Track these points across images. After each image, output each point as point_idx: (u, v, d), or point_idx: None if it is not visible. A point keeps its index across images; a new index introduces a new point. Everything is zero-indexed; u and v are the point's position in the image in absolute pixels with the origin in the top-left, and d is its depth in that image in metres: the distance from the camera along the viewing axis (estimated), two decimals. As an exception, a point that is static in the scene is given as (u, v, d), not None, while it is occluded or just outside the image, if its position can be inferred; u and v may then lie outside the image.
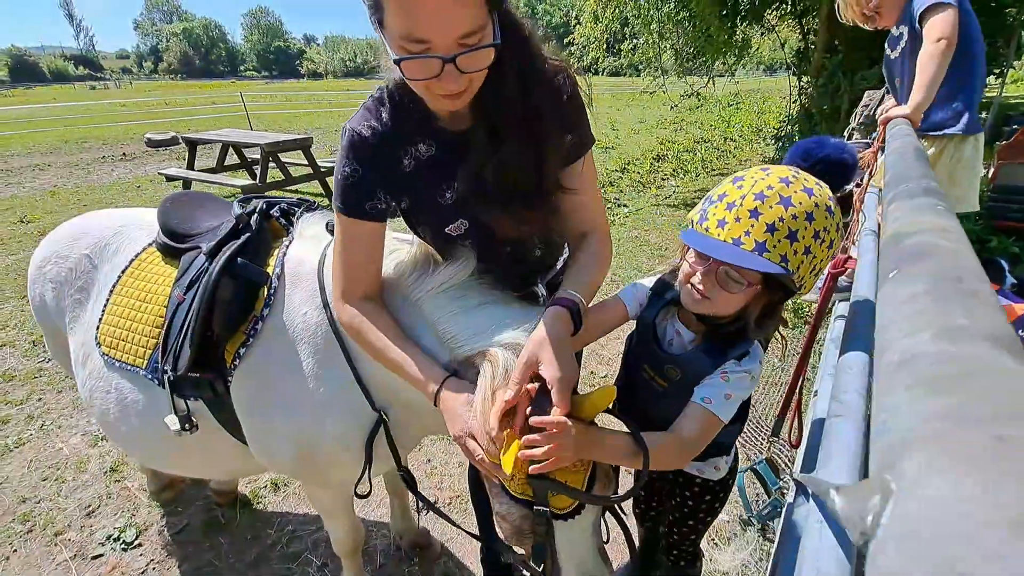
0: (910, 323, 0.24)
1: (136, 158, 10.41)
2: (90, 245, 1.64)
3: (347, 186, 1.03)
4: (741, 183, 0.92)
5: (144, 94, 32.77)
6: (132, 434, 1.52)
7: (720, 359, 1.03)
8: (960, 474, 0.15)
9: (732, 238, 0.89)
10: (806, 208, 0.86)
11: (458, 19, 0.80)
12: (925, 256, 0.32)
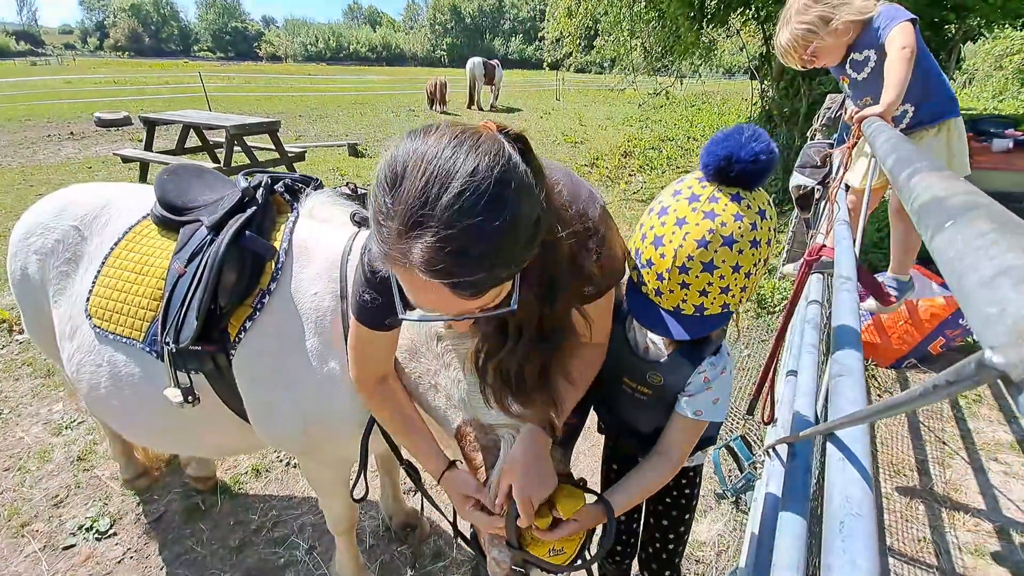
0: (992, 248, 0.30)
1: (85, 137, 9.82)
2: (78, 217, 1.59)
3: (367, 309, 0.98)
4: (661, 248, 0.92)
5: (89, 71, 30.81)
6: (125, 408, 1.49)
7: (697, 358, 1.08)
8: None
9: (672, 306, 0.95)
10: (731, 263, 0.89)
11: (466, 306, 0.75)
12: (974, 208, 0.38)
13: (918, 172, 0.56)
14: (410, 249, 0.66)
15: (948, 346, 3.07)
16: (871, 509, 0.53)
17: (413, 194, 0.65)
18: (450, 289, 0.68)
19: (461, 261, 0.66)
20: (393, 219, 0.66)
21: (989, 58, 20.02)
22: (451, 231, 0.64)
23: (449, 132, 0.69)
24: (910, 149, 0.78)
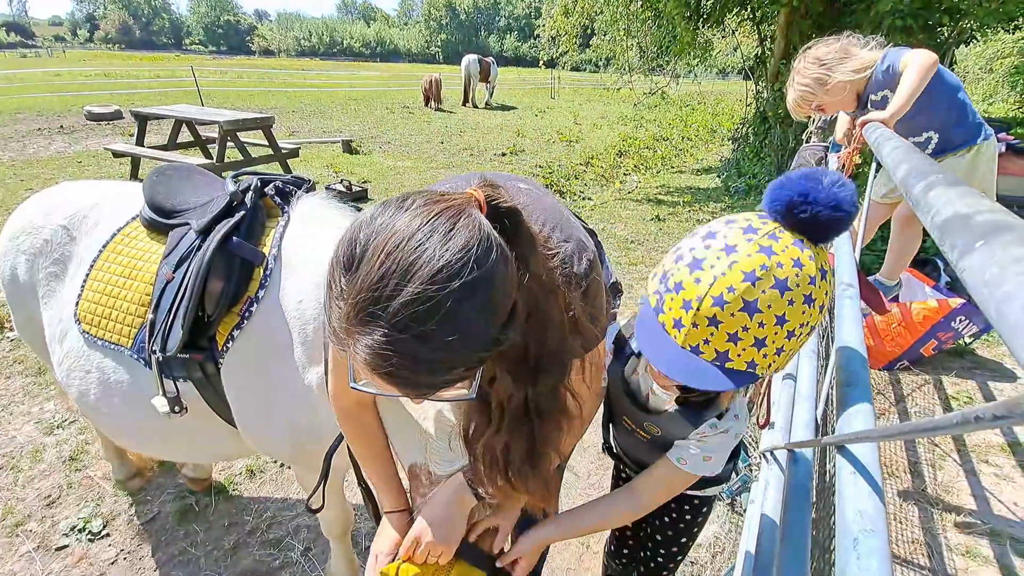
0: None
1: (75, 131, 9.70)
2: (67, 216, 1.55)
3: None
4: (700, 273, 0.75)
5: (80, 64, 30.41)
6: (114, 415, 1.47)
7: (698, 419, 0.99)
8: None
9: (690, 345, 0.77)
10: (776, 311, 0.72)
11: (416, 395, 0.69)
12: (1005, 229, 0.38)
13: (935, 186, 0.56)
14: (356, 343, 0.60)
15: (940, 348, 3.10)
16: (884, 525, 0.53)
17: (367, 285, 0.59)
18: (395, 388, 0.64)
19: (408, 365, 0.60)
20: (343, 303, 0.61)
21: (980, 61, 20.19)
22: (401, 335, 0.58)
23: (423, 213, 0.61)
24: (921, 159, 0.78)
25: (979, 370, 3.11)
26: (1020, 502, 2.19)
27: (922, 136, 2.11)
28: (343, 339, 0.62)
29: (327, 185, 6.41)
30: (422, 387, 0.65)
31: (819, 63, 2.13)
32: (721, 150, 10.35)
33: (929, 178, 0.59)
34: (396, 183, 7.08)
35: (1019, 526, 2.08)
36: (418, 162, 8.45)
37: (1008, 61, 17.55)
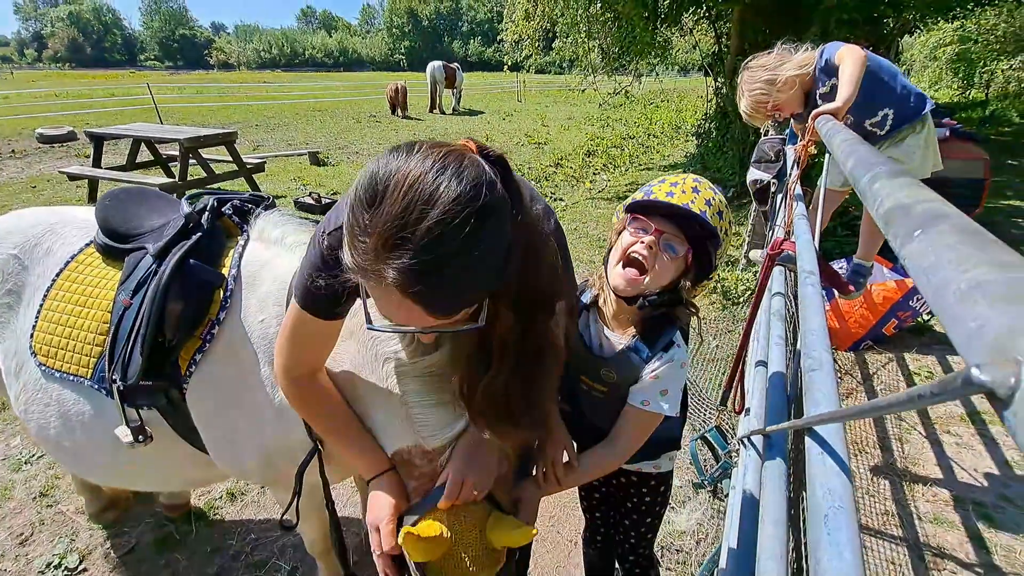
0: (964, 262, 0.32)
1: (27, 155, 9.33)
2: (18, 244, 1.50)
3: (319, 297, 0.90)
4: (674, 177, 1.14)
5: (28, 85, 29.26)
6: (77, 449, 1.42)
7: (648, 353, 1.13)
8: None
9: (682, 203, 1.08)
10: (721, 199, 1.13)
11: (433, 322, 0.74)
12: (940, 218, 0.41)
13: (879, 177, 0.60)
14: (386, 269, 0.65)
15: (900, 327, 3.23)
16: (851, 501, 0.56)
17: (393, 215, 0.65)
18: (423, 309, 0.69)
19: (436, 284, 0.67)
20: (370, 236, 0.66)
21: (925, 49, 21.09)
22: (428, 256, 0.64)
23: (433, 154, 0.68)
24: (867, 150, 0.82)
25: (938, 345, 3.26)
26: (979, 468, 2.30)
27: (878, 115, 2.23)
28: (371, 271, 0.67)
29: (295, 199, 6.32)
30: (446, 307, 0.71)
31: (763, 68, 2.27)
32: (686, 146, 10.57)
33: (874, 170, 0.63)
34: (366, 193, 7.01)
35: (980, 491, 2.19)
36: (387, 171, 8.38)
37: (950, 48, 18.38)
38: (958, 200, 4.07)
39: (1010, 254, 0.31)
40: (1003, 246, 0.33)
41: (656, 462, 1.35)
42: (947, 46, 18.49)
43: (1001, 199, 6.41)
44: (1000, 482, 2.23)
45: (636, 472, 1.37)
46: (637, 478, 1.38)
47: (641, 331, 1.17)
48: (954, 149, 4.39)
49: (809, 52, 2.25)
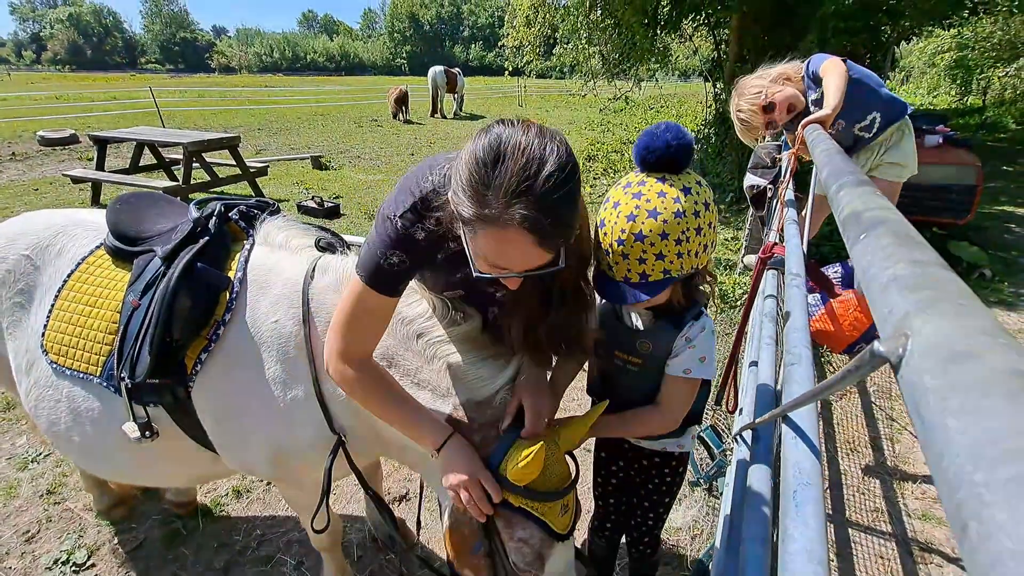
0: (889, 260, 0.38)
1: (29, 158, 9.38)
2: (30, 246, 1.55)
3: (391, 273, 1.04)
4: (604, 228, 1.09)
5: (26, 87, 29.35)
6: (86, 444, 1.47)
7: (678, 322, 1.20)
8: (942, 322, 0.28)
9: (622, 276, 1.09)
10: (657, 231, 1.02)
11: (536, 259, 0.92)
12: (881, 223, 0.47)
13: (845, 186, 0.66)
14: (514, 211, 0.83)
15: (895, 331, 3.29)
16: (819, 478, 0.62)
17: (515, 170, 0.83)
18: (537, 243, 0.87)
19: (552, 221, 0.85)
20: (497, 188, 0.84)
21: (923, 56, 21.22)
22: (546, 199, 0.84)
23: (533, 126, 0.88)
24: (842, 161, 0.88)
25: (931, 349, 3.31)
26: (970, 468, 2.35)
27: (867, 118, 2.35)
28: (497, 217, 0.84)
29: (298, 202, 6.38)
30: (553, 240, 0.89)
31: (753, 76, 2.41)
32: (685, 151, 10.63)
33: (842, 179, 0.69)
34: (368, 197, 7.08)
35: (970, 490, 2.24)
36: (389, 175, 8.46)
37: (947, 56, 18.50)
38: (951, 205, 4.12)
39: (926, 253, 0.38)
40: (924, 247, 0.39)
41: (680, 440, 1.39)
42: (945, 53, 18.58)
43: (995, 205, 6.48)
44: (987, 481, 2.29)
45: (660, 452, 1.42)
46: (660, 459, 1.43)
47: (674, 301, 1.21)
48: (947, 155, 4.46)
49: (796, 62, 2.39)
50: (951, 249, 4.38)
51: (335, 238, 1.52)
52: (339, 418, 1.30)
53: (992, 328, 0.26)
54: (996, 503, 0.17)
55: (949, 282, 0.32)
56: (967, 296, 0.30)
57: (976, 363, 0.23)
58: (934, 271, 0.34)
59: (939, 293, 0.31)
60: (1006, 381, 0.22)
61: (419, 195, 1.03)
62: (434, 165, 1.06)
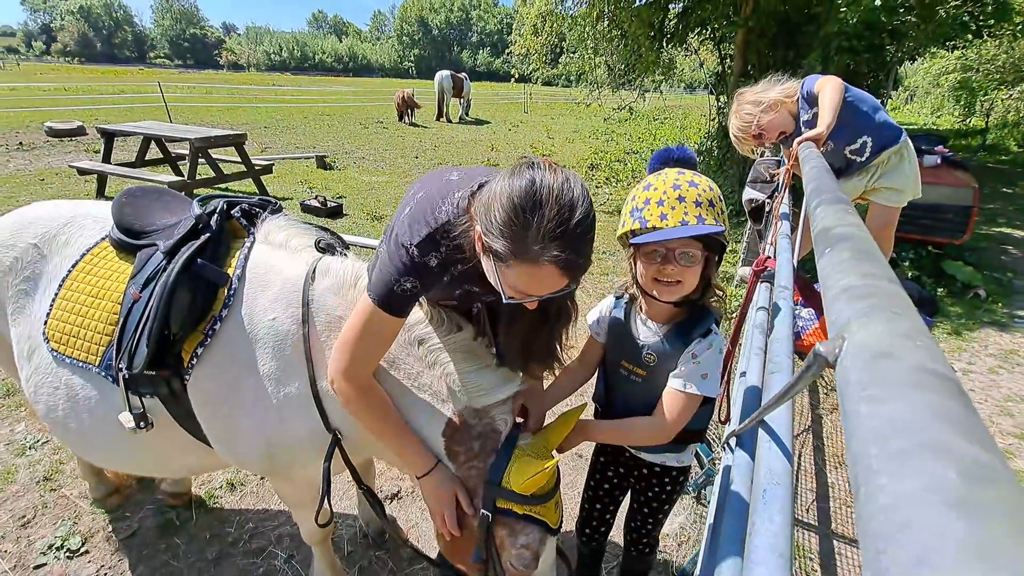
0: (844, 272, 0.42)
1: (36, 148, 9.44)
2: (38, 235, 1.58)
3: (403, 297, 1.11)
4: (651, 188, 1.16)
5: (35, 78, 29.52)
6: (82, 431, 1.49)
7: (687, 339, 1.21)
8: (876, 328, 0.32)
9: (680, 221, 1.11)
10: (702, 185, 1.14)
11: (561, 287, 1.02)
12: (846, 239, 0.51)
13: (823, 203, 0.70)
14: (549, 252, 0.93)
15: (888, 347, 3.32)
16: (789, 479, 0.65)
17: (554, 214, 0.92)
18: (566, 276, 0.97)
19: (580, 260, 0.97)
20: (535, 232, 0.93)
21: (928, 76, 21.37)
22: (577, 241, 0.94)
23: (554, 168, 0.98)
24: (827, 180, 0.92)
25: (922, 366, 3.34)
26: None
27: (857, 142, 2.38)
28: (536, 256, 0.94)
29: (301, 201, 6.43)
30: (579, 275, 1.01)
31: (752, 93, 2.46)
32: (687, 162, 10.71)
33: (821, 196, 0.73)
34: (371, 198, 7.13)
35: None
36: (393, 177, 8.52)
37: (952, 76, 18.62)
38: (947, 225, 4.17)
39: (877, 268, 0.41)
40: (878, 262, 0.43)
41: (680, 456, 1.41)
42: (950, 74, 18.71)
43: (993, 226, 6.53)
44: (972, 498, 2.31)
45: (661, 465, 1.44)
46: (660, 470, 1.45)
47: (681, 320, 1.25)
48: (945, 176, 4.51)
49: (794, 81, 2.42)
50: (946, 268, 4.42)
51: (335, 239, 1.55)
52: (334, 417, 1.33)
53: (914, 332, 0.30)
54: (881, 470, 0.21)
55: (891, 294, 0.36)
56: (902, 306, 0.34)
57: (893, 361, 0.27)
58: (880, 284, 0.37)
59: (878, 302, 0.34)
60: (913, 376, 0.26)
61: (434, 226, 1.08)
62: (446, 194, 1.11)
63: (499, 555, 1.19)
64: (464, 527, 1.22)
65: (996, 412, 2.99)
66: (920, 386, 0.25)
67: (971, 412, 0.23)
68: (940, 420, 0.22)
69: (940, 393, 0.24)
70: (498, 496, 1.16)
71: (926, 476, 0.19)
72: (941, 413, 0.22)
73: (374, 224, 6.00)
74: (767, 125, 2.39)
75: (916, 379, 0.25)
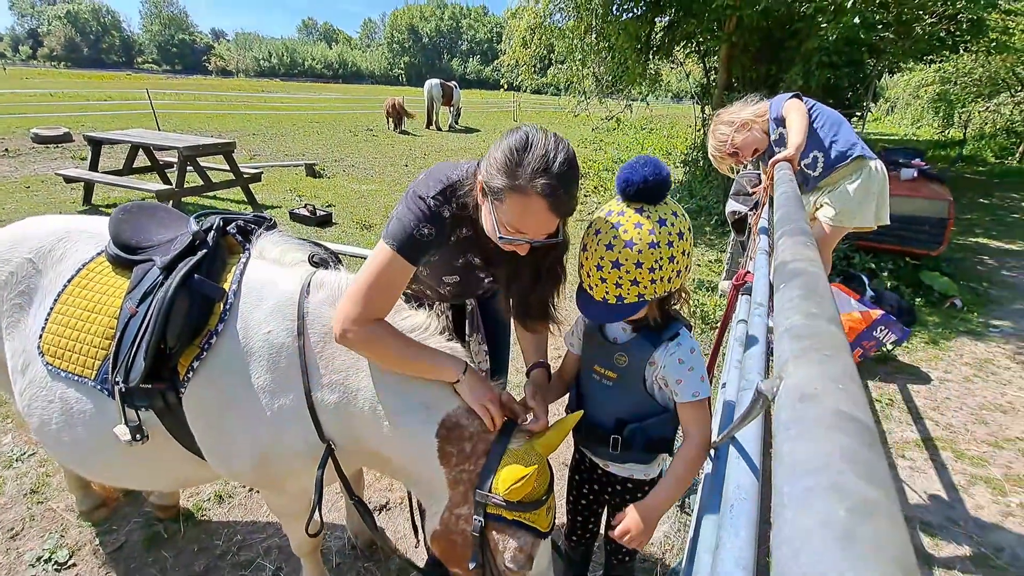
0: (791, 311, 0.47)
1: (21, 155, 9.33)
2: (33, 250, 1.59)
3: (421, 243, 1.25)
4: (586, 253, 1.20)
5: (21, 83, 29.16)
6: (76, 445, 1.50)
7: (656, 339, 1.25)
8: (807, 370, 0.37)
9: (601, 297, 1.19)
10: (632, 261, 1.12)
11: (547, 226, 1.16)
12: (798, 275, 0.56)
13: (785, 234, 0.75)
14: (537, 184, 1.08)
15: (866, 356, 3.41)
16: (756, 494, 0.69)
17: (540, 154, 1.10)
18: (550, 208, 1.11)
19: (564, 192, 1.11)
20: (525, 166, 1.09)
21: (908, 88, 21.90)
22: (559, 176, 1.09)
23: (548, 131, 1.16)
24: (795, 208, 0.98)
25: (900, 374, 3.43)
26: (929, 490, 2.46)
27: (809, 156, 2.51)
28: (525, 188, 1.09)
29: (291, 210, 6.43)
30: (563, 210, 1.14)
31: (727, 113, 2.58)
32: (676, 172, 10.87)
33: (786, 226, 0.78)
34: (361, 206, 7.14)
35: (928, 511, 2.34)
36: (382, 185, 8.54)
37: (931, 88, 19.10)
38: (924, 237, 4.28)
39: (822, 307, 0.46)
40: (823, 301, 0.48)
41: (647, 468, 1.43)
42: (929, 86, 19.19)
43: (970, 236, 6.70)
44: (947, 504, 2.39)
45: (630, 479, 1.46)
46: (632, 484, 1.47)
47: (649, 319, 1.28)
48: (921, 189, 4.64)
49: (765, 102, 2.54)
50: (924, 279, 4.54)
51: (328, 254, 1.59)
52: (328, 428, 1.35)
53: (840, 376, 0.34)
54: (789, 506, 0.25)
55: (828, 335, 0.41)
56: (835, 347, 0.38)
57: (815, 403, 0.32)
58: (819, 324, 0.42)
59: (815, 343, 0.39)
60: (831, 419, 0.30)
61: (447, 182, 1.28)
62: (456, 165, 1.32)
63: (494, 557, 1.22)
64: (459, 531, 1.25)
65: (971, 421, 3.08)
66: (835, 428, 0.29)
67: (874, 452, 0.28)
68: (844, 461, 0.26)
69: (851, 435, 0.29)
70: (487, 501, 1.19)
71: (822, 513, 0.23)
72: (847, 455, 0.27)
73: (364, 233, 6.01)
74: (741, 144, 2.49)
75: (833, 422, 0.30)
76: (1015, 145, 15.36)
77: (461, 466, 1.25)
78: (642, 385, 1.30)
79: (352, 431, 1.35)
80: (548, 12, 7.77)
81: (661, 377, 1.26)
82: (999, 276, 5.42)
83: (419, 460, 1.30)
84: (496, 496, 1.16)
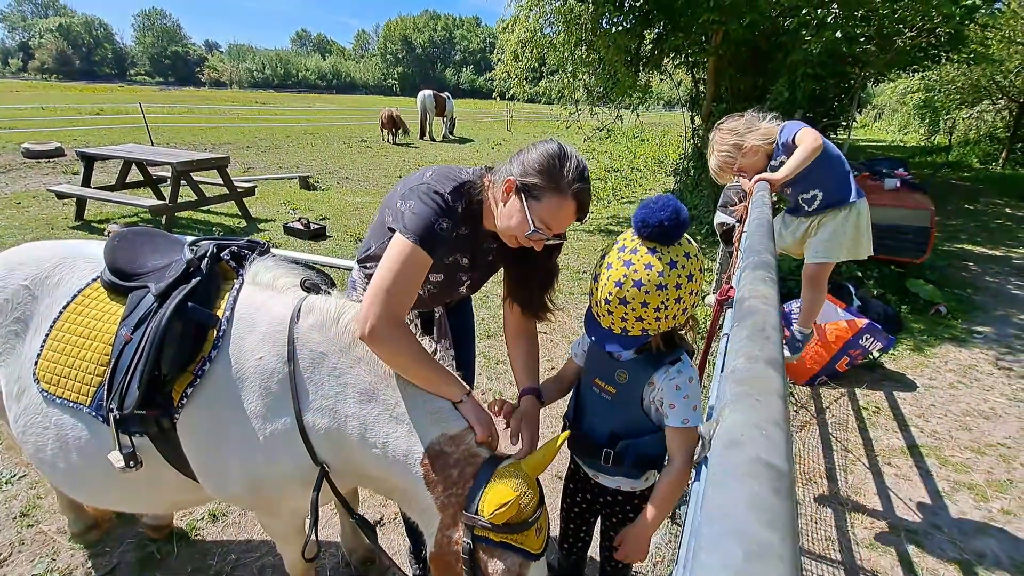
0: (737, 352, 0.51)
1: (12, 170, 9.31)
2: (29, 276, 1.60)
3: (439, 236, 1.33)
4: (597, 283, 1.24)
5: (12, 95, 29.09)
6: (71, 470, 1.51)
7: (658, 362, 1.28)
8: (737, 416, 0.41)
9: (607, 325, 1.25)
10: (639, 300, 1.15)
11: (567, 225, 1.34)
12: (751, 314, 0.60)
13: (748, 267, 0.79)
14: (575, 188, 1.28)
15: (852, 364, 3.46)
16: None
17: (575, 165, 1.29)
18: (577, 211, 1.32)
19: (588, 199, 1.33)
20: (567, 172, 1.28)
21: (895, 95, 22.23)
22: (589, 186, 1.32)
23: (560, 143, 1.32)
24: (759, 239, 1.02)
25: (886, 382, 3.49)
26: (914, 497, 2.50)
27: (810, 193, 2.51)
28: (565, 193, 1.28)
29: (284, 224, 6.45)
30: (582, 215, 1.34)
31: (733, 133, 2.49)
32: (668, 181, 10.98)
33: (749, 258, 0.82)
34: (355, 219, 7.17)
35: (913, 518, 2.39)
36: (377, 197, 8.57)
37: (917, 96, 19.40)
38: (907, 245, 4.37)
39: (765, 350, 0.50)
40: (767, 343, 0.52)
41: (634, 482, 1.46)
42: (915, 93, 19.49)
43: (955, 242, 6.81)
44: (931, 511, 2.43)
45: (619, 491, 1.49)
46: (622, 496, 1.50)
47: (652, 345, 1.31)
48: (904, 199, 4.73)
49: (774, 124, 2.48)
50: (909, 286, 4.62)
51: (320, 277, 1.62)
52: (320, 451, 1.37)
53: (765, 422, 0.38)
54: (704, 547, 0.29)
55: (764, 379, 0.45)
56: (768, 393, 0.43)
57: (739, 450, 0.36)
58: (757, 368, 0.46)
59: (750, 389, 0.43)
60: (749, 466, 0.34)
61: (459, 181, 1.40)
62: (457, 168, 1.45)
63: None
64: (452, 552, 1.27)
65: (955, 427, 3.13)
66: (751, 476, 0.33)
67: (779, 497, 0.32)
68: (752, 509, 0.30)
69: (763, 482, 0.32)
70: (475, 524, 1.21)
71: (725, 554, 0.27)
72: (755, 503, 0.31)
73: (358, 246, 6.04)
74: (746, 167, 2.47)
75: (750, 469, 0.34)
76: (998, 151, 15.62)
77: (449, 491, 1.26)
78: (639, 404, 1.33)
79: (345, 454, 1.37)
80: (539, 26, 7.88)
81: (658, 399, 1.29)
82: (983, 282, 5.51)
83: (408, 487, 1.32)
84: (482, 519, 1.18)
